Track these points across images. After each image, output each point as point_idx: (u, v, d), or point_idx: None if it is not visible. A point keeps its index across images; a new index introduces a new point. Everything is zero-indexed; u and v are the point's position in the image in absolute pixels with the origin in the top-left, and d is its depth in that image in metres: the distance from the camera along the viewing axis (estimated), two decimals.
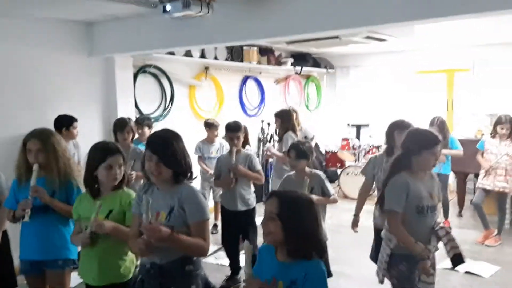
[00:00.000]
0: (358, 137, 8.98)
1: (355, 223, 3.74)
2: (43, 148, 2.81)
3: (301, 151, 3.59)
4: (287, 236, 1.85)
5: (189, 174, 2.28)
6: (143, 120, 5.18)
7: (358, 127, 9.12)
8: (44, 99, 4.84)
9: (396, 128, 3.51)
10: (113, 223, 2.49)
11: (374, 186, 3.74)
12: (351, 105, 9.25)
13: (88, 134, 4.89)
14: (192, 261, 2.24)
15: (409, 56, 8.47)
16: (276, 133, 5.66)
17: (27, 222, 2.78)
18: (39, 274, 2.91)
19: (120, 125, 4.36)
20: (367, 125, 9.08)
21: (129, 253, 2.66)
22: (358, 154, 8.17)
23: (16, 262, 3.26)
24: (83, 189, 2.73)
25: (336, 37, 5.66)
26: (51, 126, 4.21)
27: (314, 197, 3.28)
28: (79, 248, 2.88)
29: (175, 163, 2.20)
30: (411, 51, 8.35)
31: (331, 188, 3.62)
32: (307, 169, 3.65)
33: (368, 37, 5.87)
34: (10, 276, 3.45)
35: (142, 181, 4.13)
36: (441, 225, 2.84)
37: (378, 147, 8.03)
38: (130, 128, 4.29)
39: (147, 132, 5.05)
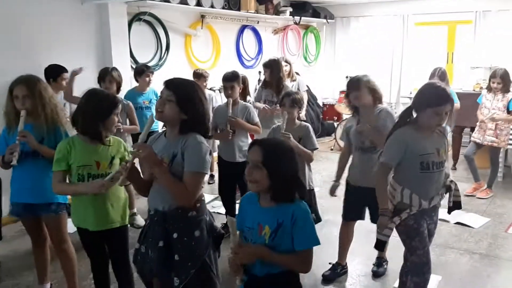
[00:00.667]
0: None
1: (333, 190, 3.56)
2: (29, 94, 2.80)
3: (295, 100, 3.61)
4: (273, 182, 1.90)
5: (203, 128, 2.26)
6: (148, 68, 5.11)
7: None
8: (36, 46, 4.74)
9: (349, 88, 3.36)
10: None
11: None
12: (350, 57, 9.12)
13: (81, 83, 4.81)
14: (196, 207, 2.25)
15: (410, 7, 8.29)
16: (261, 83, 5.48)
17: (16, 166, 2.81)
18: (34, 218, 2.98)
19: (102, 74, 4.28)
20: None
21: (122, 198, 2.73)
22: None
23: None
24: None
25: None
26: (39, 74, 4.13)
27: (292, 143, 3.35)
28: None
29: (190, 108, 2.19)
30: (413, 2, 8.16)
31: (315, 143, 3.62)
32: (296, 120, 3.69)
33: None
34: None
35: (126, 135, 4.18)
36: (450, 178, 2.86)
37: None
38: (112, 77, 4.20)
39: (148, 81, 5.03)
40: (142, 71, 5.05)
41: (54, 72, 4.52)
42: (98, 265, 2.85)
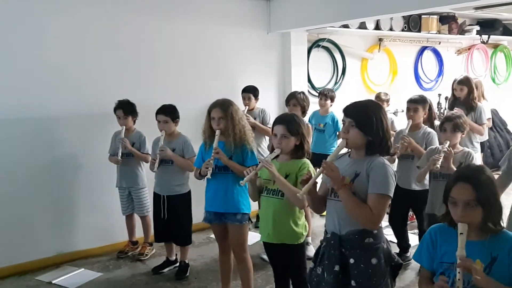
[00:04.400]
0: None
1: None
2: (224, 116, 3.15)
3: (457, 124, 3.43)
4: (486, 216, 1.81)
5: (386, 147, 2.25)
6: (329, 92, 5.32)
7: None
8: (229, 71, 5.32)
9: None
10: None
11: None
12: None
13: (264, 105, 5.24)
14: (372, 234, 2.22)
15: None
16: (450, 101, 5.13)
17: (209, 178, 3.16)
18: (221, 225, 3.29)
19: (288, 98, 4.54)
20: None
21: (303, 218, 2.84)
22: None
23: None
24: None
25: None
26: (233, 95, 4.61)
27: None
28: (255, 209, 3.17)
29: (370, 130, 2.20)
30: None
31: None
32: (458, 146, 3.53)
33: None
34: (188, 233, 4.06)
35: None
36: None
37: None
38: (297, 101, 4.40)
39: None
40: (318, 95, 5.28)
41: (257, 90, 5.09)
42: (279, 277, 3.00)
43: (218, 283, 3.62)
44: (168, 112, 3.91)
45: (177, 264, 4.16)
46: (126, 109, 4.26)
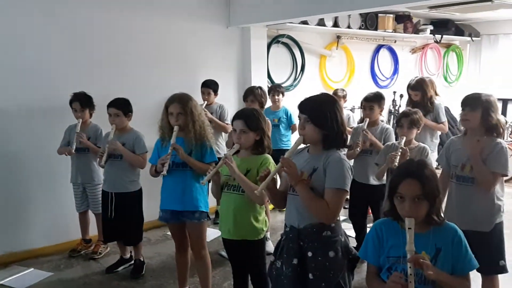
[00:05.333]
0: (504, 113, 8.12)
1: None
2: (182, 112, 3.06)
3: (413, 120, 3.51)
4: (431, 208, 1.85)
5: (342, 140, 2.26)
6: (273, 88, 5.31)
7: (505, 102, 8.23)
8: (188, 66, 5.23)
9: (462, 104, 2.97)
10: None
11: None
12: (497, 77, 8.35)
13: (223, 100, 5.19)
14: (330, 227, 2.23)
15: None
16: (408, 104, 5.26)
17: (166, 176, 3.07)
18: (179, 223, 3.20)
19: (246, 93, 4.51)
20: None
21: (263, 214, 2.81)
22: (504, 132, 7.38)
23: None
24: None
25: None
26: (192, 90, 4.54)
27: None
28: (213, 205, 3.13)
29: (324, 124, 2.21)
30: None
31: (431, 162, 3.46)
32: (414, 141, 3.60)
33: None
34: (138, 232, 3.95)
35: None
36: None
37: None
38: (254, 96, 4.37)
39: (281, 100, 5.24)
40: (269, 91, 5.28)
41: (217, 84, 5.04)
42: (238, 273, 2.97)
43: (175, 280, 3.56)
44: (120, 106, 3.75)
45: (132, 262, 4.06)
46: (83, 101, 4.09)
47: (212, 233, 4.58)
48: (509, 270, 2.95)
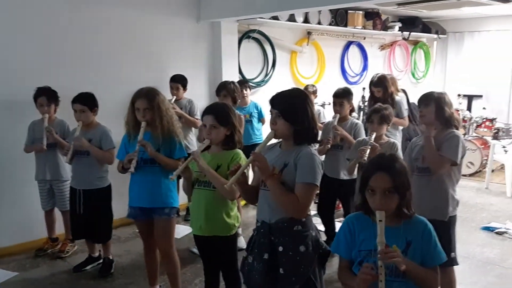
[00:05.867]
0: (469, 109, 8.36)
1: None
2: (149, 107, 2.99)
3: (383, 116, 3.56)
4: (401, 202, 1.87)
5: (312, 135, 2.27)
6: (242, 83, 5.29)
7: (470, 98, 8.46)
8: (158, 60, 5.15)
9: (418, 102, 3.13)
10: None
11: None
12: (463, 74, 8.59)
13: (194, 96, 5.13)
14: (301, 222, 2.23)
15: None
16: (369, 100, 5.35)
17: (134, 173, 3.01)
18: (147, 220, 3.14)
19: (218, 88, 4.46)
20: (480, 96, 8.41)
21: (235, 209, 2.79)
22: (469, 127, 7.60)
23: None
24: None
25: None
26: (161, 85, 4.48)
27: None
28: (185, 201, 3.09)
29: (295, 119, 2.21)
30: None
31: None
32: (384, 137, 3.64)
33: None
34: (107, 230, 3.87)
35: None
36: None
37: (492, 120, 7.41)
38: (227, 91, 4.33)
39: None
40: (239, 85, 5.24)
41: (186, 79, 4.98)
42: (210, 270, 2.94)
43: (146, 278, 3.49)
44: (85, 101, 3.65)
45: (101, 260, 3.97)
46: (50, 96, 3.97)
47: (183, 230, 4.54)
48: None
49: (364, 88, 7.37)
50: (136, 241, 4.46)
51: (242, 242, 3.84)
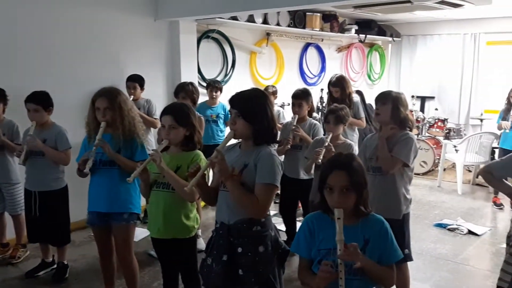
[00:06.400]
0: (422, 109, 8.66)
1: None
2: (110, 107, 2.90)
3: (339, 117, 3.59)
4: (358, 200, 1.91)
5: (272, 135, 2.26)
6: (211, 84, 5.29)
7: (423, 100, 8.77)
8: (114, 59, 5.03)
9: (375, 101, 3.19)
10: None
11: None
12: (416, 77, 8.89)
13: (152, 96, 5.05)
14: (260, 222, 2.23)
15: (481, 26, 7.95)
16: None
17: (93, 176, 2.93)
18: (105, 226, 3.03)
19: (177, 89, 4.39)
20: (432, 98, 8.72)
21: (194, 211, 2.76)
22: (422, 127, 7.87)
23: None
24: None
25: (409, 1, 5.37)
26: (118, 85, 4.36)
27: None
28: (142, 204, 3.02)
29: (255, 120, 2.20)
30: (485, 21, 7.83)
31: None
32: (341, 137, 3.70)
33: (442, 2, 5.49)
34: (66, 232, 3.75)
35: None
36: None
37: (444, 121, 7.70)
38: (186, 92, 4.26)
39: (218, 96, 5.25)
40: (207, 87, 5.27)
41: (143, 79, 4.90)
42: (168, 273, 2.89)
43: (102, 283, 3.39)
44: (39, 100, 3.51)
45: (55, 266, 3.84)
46: None
47: (140, 233, 4.45)
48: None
49: (322, 89, 7.50)
50: (92, 245, 4.30)
51: (202, 244, 3.80)
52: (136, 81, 4.82)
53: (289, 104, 4.63)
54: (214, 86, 5.26)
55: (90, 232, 4.44)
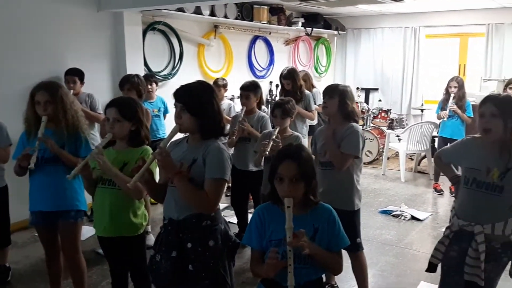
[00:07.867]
0: (367, 101, 8.92)
1: None
2: (51, 100, 2.78)
3: (285, 110, 3.62)
4: (307, 191, 1.96)
5: (219, 128, 2.24)
6: (148, 77, 5.14)
7: (368, 91, 9.04)
8: (54, 52, 4.81)
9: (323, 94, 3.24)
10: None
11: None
12: (361, 69, 9.14)
13: (96, 89, 4.89)
14: (210, 216, 2.21)
15: (421, 19, 8.29)
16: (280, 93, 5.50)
17: (35, 174, 2.80)
18: (51, 225, 2.92)
19: (122, 82, 4.28)
20: (376, 89, 9.01)
21: (142, 208, 2.70)
22: (367, 118, 8.12)
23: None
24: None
25: None
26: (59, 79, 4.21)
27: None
28: (88, 201, 2.93)
29: (201, 113, 2.16)
30: (424, 14, 8.17)
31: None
32: (288, 129, 3.72)
33: None
34: (5, 234, 3.57)
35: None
36: None
37: (387, 111, 7.97)
38: (131, 85, 4.17)
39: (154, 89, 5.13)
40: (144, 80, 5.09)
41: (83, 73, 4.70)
42: (117, 271, 2.82)
43: (47, 285, 3.27)
44: None
45: None
46: None
47: (87, 231, 4.32)
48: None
49: (271, 82, 7.56)
50: (36, 246, 4.16)
51: (151, 240, 3.72)
52: (75, 74, 4.63)
53: (238, 97, 4.63)
54: (148, 80, 5.03)
55: (34, 233, 4.28)
